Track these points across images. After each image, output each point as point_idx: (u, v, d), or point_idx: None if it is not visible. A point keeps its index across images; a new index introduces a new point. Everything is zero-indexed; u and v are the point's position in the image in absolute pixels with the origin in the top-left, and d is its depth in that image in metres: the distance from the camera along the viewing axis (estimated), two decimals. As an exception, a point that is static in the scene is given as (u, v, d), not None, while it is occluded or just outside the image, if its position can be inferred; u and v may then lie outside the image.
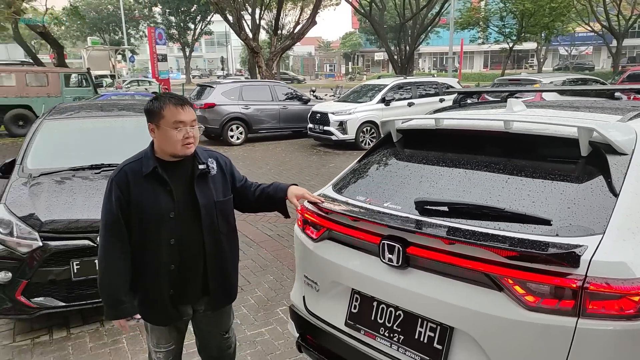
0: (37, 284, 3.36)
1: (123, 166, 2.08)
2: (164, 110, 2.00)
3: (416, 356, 1.83)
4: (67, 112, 4.86)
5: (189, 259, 2.12)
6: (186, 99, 2.08)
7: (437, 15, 25.67)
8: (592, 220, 1.62)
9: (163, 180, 2.05)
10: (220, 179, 2.20)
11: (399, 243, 1.85)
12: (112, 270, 2.04)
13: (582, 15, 27.47)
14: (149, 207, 2.03)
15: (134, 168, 2.06)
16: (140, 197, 2.03)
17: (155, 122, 2.02)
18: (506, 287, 1.60)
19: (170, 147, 2.03)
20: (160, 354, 2.26)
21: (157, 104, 2.02)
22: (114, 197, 2.02)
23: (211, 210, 2.13)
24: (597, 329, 1.46)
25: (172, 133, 2.00)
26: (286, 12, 37.22)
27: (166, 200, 2.05)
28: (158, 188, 2.05)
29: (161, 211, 2.04)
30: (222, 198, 2.19)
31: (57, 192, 3.76)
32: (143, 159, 2.08)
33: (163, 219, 2.04)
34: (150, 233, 2.05)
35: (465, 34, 31.05)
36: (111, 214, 2.02)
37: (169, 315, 2.16)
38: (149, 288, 2.12)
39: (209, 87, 12.88)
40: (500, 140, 2.10)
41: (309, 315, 2.33)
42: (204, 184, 2.13)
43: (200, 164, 2.12)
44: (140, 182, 2.04)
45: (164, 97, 2.05)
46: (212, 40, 73.61)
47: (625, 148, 1.79)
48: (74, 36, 49.84)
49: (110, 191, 2.04)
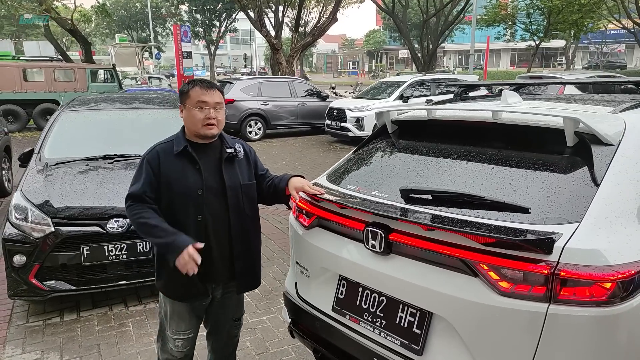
0: (49, 268, 3.51)
1: (155, 146, 2.20)
2: (191, 91, 2.12)
3: (396, 340, 1.86)
4: (85, 104, 5.03)
5: (215, 237, 2.17)
6: (214, 84, 2.19)
7: (461, 12, 25.32)
8: (570, 209, 1.62)
9: (193, 158, 2.14)
10: (245, 164, 2.29)
11: (382, 230, 1.88)
12: (151, 220, 2.06)
13: (613, 11, 26.66)
14: (177, 182, 2.12)
15: (166, 148, 2.17)
16: (169, 173, 2.12)
17: (183, 102, 2.16)
18: (481, 273, 1.61)
19: (193, 126, 2.13)
20: (179, 342, 2.28)
21: (187, 86, 2.16)
22: (144, 173, 2.13)
23: (237, 192, 2.21)
24: (568, 314, 1.46)
25: (195, 112, 2.10)
26: (310, 10, 37.33)
27: (195, 178, 2.14)
28: (187, 166, 2.14)
29: (189, 187, 2.12)
30: (247, 182, 2.28)
31: (70, 181, 3.91)
32: (175, 140, 2.19)
33: (191, 195, 2.12)
34: (179, 208, 2.13)
35: (492, 31, 30.52)
36: (140, 185, 2.11)
37: (198, 290, 2.20)
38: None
39: (228, 83, 13.05)
40: (488, 131, 2.11)
41: (300, 301, 2.38)
42: (231, 167, 2.22)
43: (228, 148, 2.22)
44: (170, 160, 2.14)
45: (195, 80, 2.18)
46: (237, 38, 74.28)
47: (611, 139, 1.77)
48: (103, 33, 51.08)
49: (142, 167, 2.15)
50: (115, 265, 3.62)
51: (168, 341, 2.30)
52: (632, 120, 1.91)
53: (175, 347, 2.29)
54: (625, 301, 1.44)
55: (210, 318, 2.42)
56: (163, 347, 2.35)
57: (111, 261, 3.58)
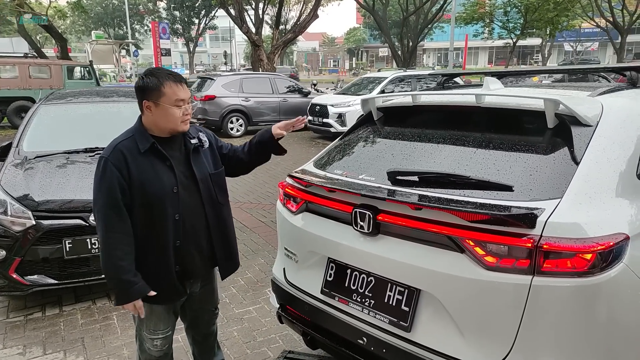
0: (31, 262, 3.45)
1: (116, 145, 1.99)
2: (165, 87, 1.95)
3: (385, 318, 1.89)
4: (64, 98, 4.94)
5: (193, 234, 2.11)
6: (181, 75, 2.05)
7: (440, 10, 25.61)
8: (552, 186, 1.67)
9: (163, 155, 2.02)
10: (210, 152, 2.22)
11: (370, 211, 1.91)
12: (118, 251, 1.94)
13: (587, 10, 27.31)
14: (151, 183, 1.98)
15: (129, 146, 1.98)
16: (141, 175, 1.97)
17: (153, 100, 1.96)
18: (467, 249, 1.66)
19: (170, 124, 2.00)
20: (158, 341, 2.21)
21: (154, 80, 1.95)
22: (112, 177, 1.93)
23: (208, 183, 2.15)
24: (551, 285, 1.52)
25: (173, 111, 1.97)
26: (290, 7, 37.25)
27: (168, 176, 2.02)
28: (158, 164, 2.01)
29: (164, 187, 2.01)
30: (215, 170, 2.21)
31: (51, 174, 3.84)
32: (136, 136, 2.01)
33: (166, 195, 2.01)
34: (155, 210, 2.00)
35: (470, 29, 30.95)
36: (110, 195, 1.93)
37: (177, 291, 2.13)
38: (155, 266, 2.05)
39: (209, 80, 12.96)
40: (472, 115, 2.16)
41: (289, 286, 2.39)
42: (198, 158, 2.14)
43: (192, 139, 2.13)
44: (138, 160, 1.97)
45: (161, 73, 1.99)
46: (217, 36, 73.65)
47: (589, 120, 1.84)
48: (79, 31, 50.08)
49: (106, 171, 1.93)
50: (98, 258, 3.52)
51: (145, 341, 2.23)
52: (609, 103, 1.98)
53: (154, 346, 2.22)
54: (605, 271, 1.50)
55: (188, 313, 2.36)
56: (141, 348, 2.27)
57: (94, 254, 3.53)
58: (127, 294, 1.98)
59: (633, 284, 1.54)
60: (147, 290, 2.00)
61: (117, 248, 1.95)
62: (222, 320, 3.38)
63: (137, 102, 2.03)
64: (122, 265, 1.95)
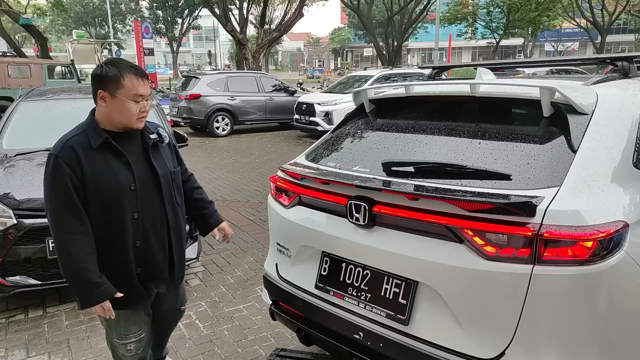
0: (12, 262, 3.33)
1: (66, 140, 1.86)
2: (124, 79, 1.84)
3: (382, 312, 1.85)
4: (44, 94, 4.81)
5: (153, 234, 2.01)
6: (143, 70, 1.96)
7: (424, 10, 25.77)
8: (550, 174, 1.65)
9: (118, 151, 1.91)
10: (169, 150, 2.13)
11: (365, 202, 1.87)
12: (77, 252, 1.83)
13: (568, 10, 27.74)
14: (107, 181, 1.87)
15: (80, 141, 1.86)
16: (95, 172, 1.85)
17: (110, 91, 1.84)
18: (466, 239, 1.63)
19: (124, 119, 1.89)
20: (132, 345, 2.10)
21: (114, 70, 1.84)
22: (64, 175, 1.81)
23: (168, 181, 2.05)
24: (552, 274, 1.49)
25: (130, 105, 1.86)
26: (275, 7, 37.12)
27: (124, 172, 1.91)
28: (113, 160, 1.90)
29: (121, 184, 1.90)
30: (174, 169, 2.12)
31: (33, 172, 3.72)
32: (87, 131, 1.89)
33: (123, 192, 1.90)
34: (112, 209, 1.90)
35: (453, 29, 31.20)
36: (64, 194, 1.81)
37: (140, 294, 2.04)
38: (115, 269, 1.95)
39: (194, 78, 12.81)
40: (466, 105, 2.14)
41: (282, 281, 2.34)
42: (158, 154, 2.04)
43: (151, 134, 2.02)
44: (91, 156, 1.85)
45: (122, 63, 1.88)
46: (200, 36, 73.07)
47: (585, 108, 1.82)
48: (59, 30, 49.14)
49: (57, 168, 1.81)
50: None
51: (118, 348, 2.11)
52: (603, 92, 1.97)
53: (128, 351, 2.10)
54: (606, 259, 1.48)
55: (156, 313, 2.25)
56: (114, 355, 2.18)
57: (79, 254, 3.43)
58: (93, 296, 1.86)
59: (633, 272, 1.53)
60: (114, 291, 1.90)
61: (78, 250, 1.83)
62: (212, 319, 3.32)
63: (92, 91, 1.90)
64: (85, 267, 1.84)
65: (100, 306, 1.88)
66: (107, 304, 1.89)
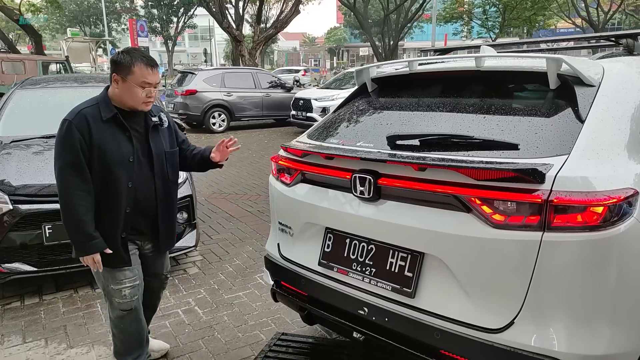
0: (8, 249, 3.29)
1: (80, 110, 2.09)
2: (135, 66, 2.07)
3: (387, 286, 1.82)
4: (40, 83, 4.77)
5: (142, 202, 2.23)
6: (155, 61, 2.16)
7: (420, 8, 25.79)
8: (558, 143, 1.63)
9: (124, 126, 2.15)
10: (167, 133, 2.35)
11: (370, 175, 1.85)
12: (79, 205, 2.06)
13: (563, 9, 27.83)
14: (111, 150, 2.10)
15: (92, 113, 2.09)
16: (101, 141, 2.08)
17: (122, 75, 2.09)
18: (474, 208, 1.60)
19: (131, 102, 2.12)
20: (126, 290, 2.23)
21: (127, 58, 2.08)
22: (74, 138, 2.03)
23: (162, 159, 2.28)
24: (562, 241, 1.47)
25: (137, 90, 2.09)
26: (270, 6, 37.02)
27: (126, 145, 2.15)
28: (118, 133, 2.14)
29: (122, 155, 2.13)
30: (170, 149, 2.34)
31: (29, 158, 3.68)
32: (100, 104, 2.12)
33: (123, 163, 2.13)
34: (111, 176, 2.12)
35: (449, 28, 31.24)
36: (73, 154, 2.04)
37: (121, 258, 2.22)
38: (104, 230, 2.15)
39: (190, 74, 12.74)
40: (472, 79, 2.11)
41: (284, 261, 2.31)
42: (156, 135, 2.27)
43: (153, 117, 2.25)
44: (100, 127, 2.09)
45: (136, 53, 2.12)
46: (196, 35, 72.77)
47: (592, 80, 1.81)
48: (53, 29, 48.79)
49: (70, 132, 2.04)
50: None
51: (114, 296, 2.24)
52: (609, 66, 1.96)
53: (123, 297, 2.23)
54: (616, 225, 1.46)
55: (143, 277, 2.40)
56: (111, 306, 2.29)
57: (76, 240, 3.38)
58: (88, 247, 2.10)
59: (643, 239, 1.51)
60: (105, 246, 2.13)
61: (79, 204, 2.06)
62: (211, 306, 3.29)
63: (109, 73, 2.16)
64: (84, 220, 2.07)
65: (92, 257, 2.11)
66: (98, 257, 2.12)
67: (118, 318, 2.29)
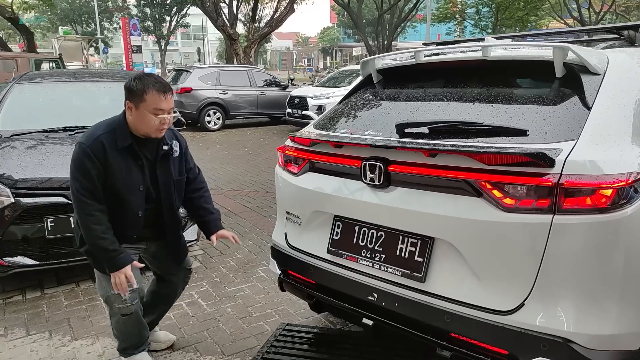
0: (10, 242, 3.27)
1: (98, 135, 2.10)
2: (147, 94, 2.06)
3: (397, 271, 1.85)
4: (39, 77, 4.75)
5: (150, 226, 2.30)
6: (169, 86, 2.15)
7: (413, 8, 25.90)
8: (566, 129, 1.66)
9: (137, 156, 2.17)
10: (178, 160, 2.35)
11: (380, 162, 1.87)
12: (100, 226, 2.09)
13: (555, 9, 28.05)
14: (123, 178, 2.13)
15: (110, 139, 2.10)
16: (115, 168, 2.11)
17: (134, 103, 2.08)
18: (485, 192, 1.63)
19: (145, 129, 2.12)
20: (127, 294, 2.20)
21: (140, 85, 2.07)
22: (90, 165, 2.05)
23: (170, 188, 2.30)
24: (572, 223, 1.50)
25: (150, 118, 2.08)
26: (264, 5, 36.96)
27: (137, 174, 2.18)
28: (131, 162, 2.16)
29: (132, 184, 2.16)
30: (179, 177, 2.35)
31: (30, 152, 3.67)
32: (117, 131, 2.13)
33: (133, 191, 2.17)
34: (121, 204, 2.15)
35: (442, 28, 31.38)
36: (87, 179, 2.06)
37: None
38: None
39: (185, 72, 12.71)
40: (479, 69, 2.14)
41: (291, 250, 2.33)
42: (166, 163, 2.28)
43: (165, 145, 2.25)
44: (115, 155, 2.11)
45: (148, 79, 2.09)
46: (188, 34, 72.46)
47: (598, 69, 1.84)
48: (44, 27, 48.35)
49: (86, 157, 2.05)
50: (82, 238, 3.42)
51: (114, 302, 2.25)
52: (613, 56, 1.99)
53: (123, 302, 2.23)
54: (624, 207, 1.49)
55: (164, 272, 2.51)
56: (112, 311, 2.31)
57: (78, 234, 3.37)
58: (120, 261, 2.11)
59: (650, 221, 1.54)
60: (131, 259, 2.16)
61: (98, 224, 2.09)
62: (215, 298, 3.29)
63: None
64: (106, 238, 2.10)
65: (125, 270, 2.12)
66: (129, 271, 2.13)
67: (119, 322, 2.32)
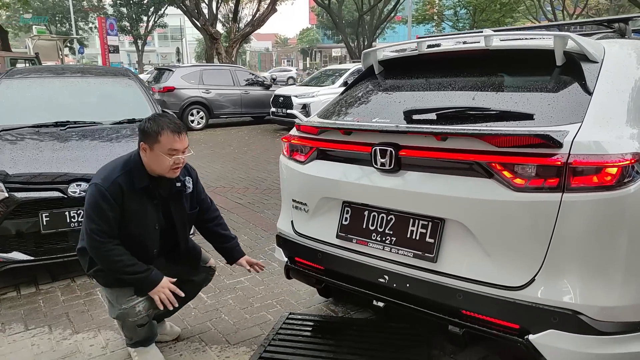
0: (4, 237, 3.21)
1: (115, 178, 2.11)
2: (161, 136, 2.08)
3: (409, 253, 1.90)
4: (28, 72, 4.66)
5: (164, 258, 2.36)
6: (183, 125, 2.18)
7: (393, 9, 26.18)
8: (571, 112, 1.75)
9: (153, 195, 2.21)
10: (190, 195, 2.39)
11: (391, 147, 1.92)
12: (125, 257, 2.12)
13: (531, 11, 28.72)
14: (138, 218, 2.16)
15: (127, 181, 2.12)
16: (130, 209, 2.13)
17: (149, 144, 2.10)
18: (496, 173, 1.70)
19: (159, 169, 2.14)
20: (140, 305, 2.21)
21: (154, 127, 2.09)
22: (107, 207, 2.07)
23: (184, 223, 2.36)
24: (580, 200, 1.58)
25: (165, 159, 2.10)
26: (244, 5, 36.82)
27: (152, 214, 2.21)
28: (147, 202, 2.19)
29: (148, 223, 2.20)
30: (191, 211, 2.41)
31: (22, 146, 3.62)
32: (134, 171, 2.15)
33: (148, 230, 2.21)
34: (135, 242, 2.17)
35: (421, 29, 31.77)
36: (106, 222, 2.08)
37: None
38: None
39: (168, 71, 12.59)
40: (481, 59, 2.21)
41: (298, 237, 2.36)
42: (179, 200, 2.32)
43: (177, 182, 2.28)
44: (132, 195, 2.13)
45: (162, 121, 2.11)
46: (166, 35, 71.61)
47: (596, 57, 1.93)
48: (15, 27, 47.12)
49: (104, 200, 2.07)
50: (78, 232, 3.34)
51: (128, 316, 2.22)
52: (609, 46, 2.09)
53: (138, 313, 2.22)
54: (629, 185, 1.58)
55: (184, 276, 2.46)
56: (126, 326, 2.29)
57: (73, 228, 3.33)
58: (156, 277, 2.17)
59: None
60: (162, 275, 2.20)
61: (120, 255, 2.11)
62: (215, 291, 3.29)
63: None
64: (134, 263, 2.13)
65: (166, 287, 2.16)
66: (169, 284, 2.18)
67: (134, 330, 2.30)
